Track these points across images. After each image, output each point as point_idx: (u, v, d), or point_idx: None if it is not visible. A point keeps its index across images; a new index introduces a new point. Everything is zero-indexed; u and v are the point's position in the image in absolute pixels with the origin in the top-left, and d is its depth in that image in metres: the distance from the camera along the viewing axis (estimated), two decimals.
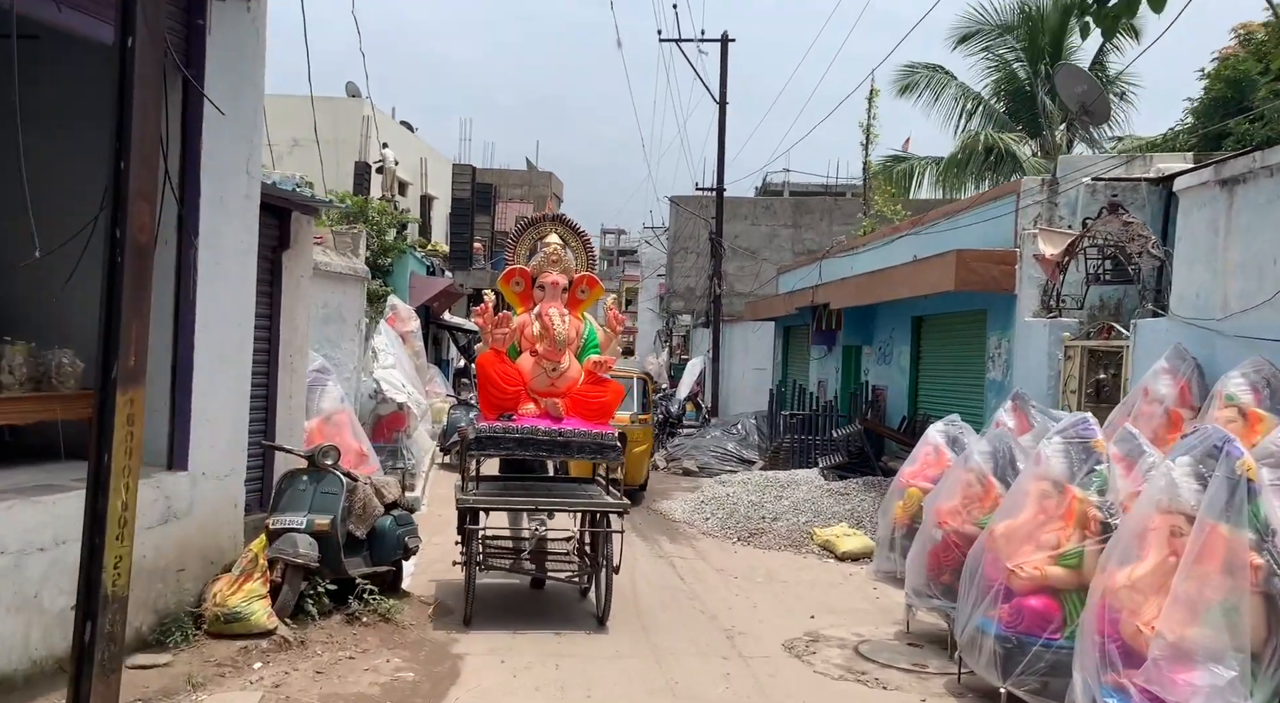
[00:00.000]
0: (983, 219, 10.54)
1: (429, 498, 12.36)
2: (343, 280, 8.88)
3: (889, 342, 13.41)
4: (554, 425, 6.87)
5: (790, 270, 19.92)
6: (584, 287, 7.48)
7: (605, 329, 7.49)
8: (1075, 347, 8.83)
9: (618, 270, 79.36)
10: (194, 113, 5.48)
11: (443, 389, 18.82)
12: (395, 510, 7.12)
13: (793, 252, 32.81)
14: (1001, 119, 23.76)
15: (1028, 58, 23.88)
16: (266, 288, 7.24)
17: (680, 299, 33.80)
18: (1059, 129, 24.40)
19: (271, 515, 6.34)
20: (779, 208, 32.43)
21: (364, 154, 27.12)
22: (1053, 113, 24.09)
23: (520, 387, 7.07)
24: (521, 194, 46.19)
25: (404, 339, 16.48)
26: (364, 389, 11.71)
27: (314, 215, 7.50)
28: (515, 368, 7.12)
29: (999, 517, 5.72)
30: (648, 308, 68.18)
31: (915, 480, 8.84)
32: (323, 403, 8.10)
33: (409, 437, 11.87)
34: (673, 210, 33.46)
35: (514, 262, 7.60)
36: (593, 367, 7.12)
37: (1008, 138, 23.56)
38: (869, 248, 14.50)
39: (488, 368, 7.05)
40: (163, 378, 5.55)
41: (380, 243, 18.31)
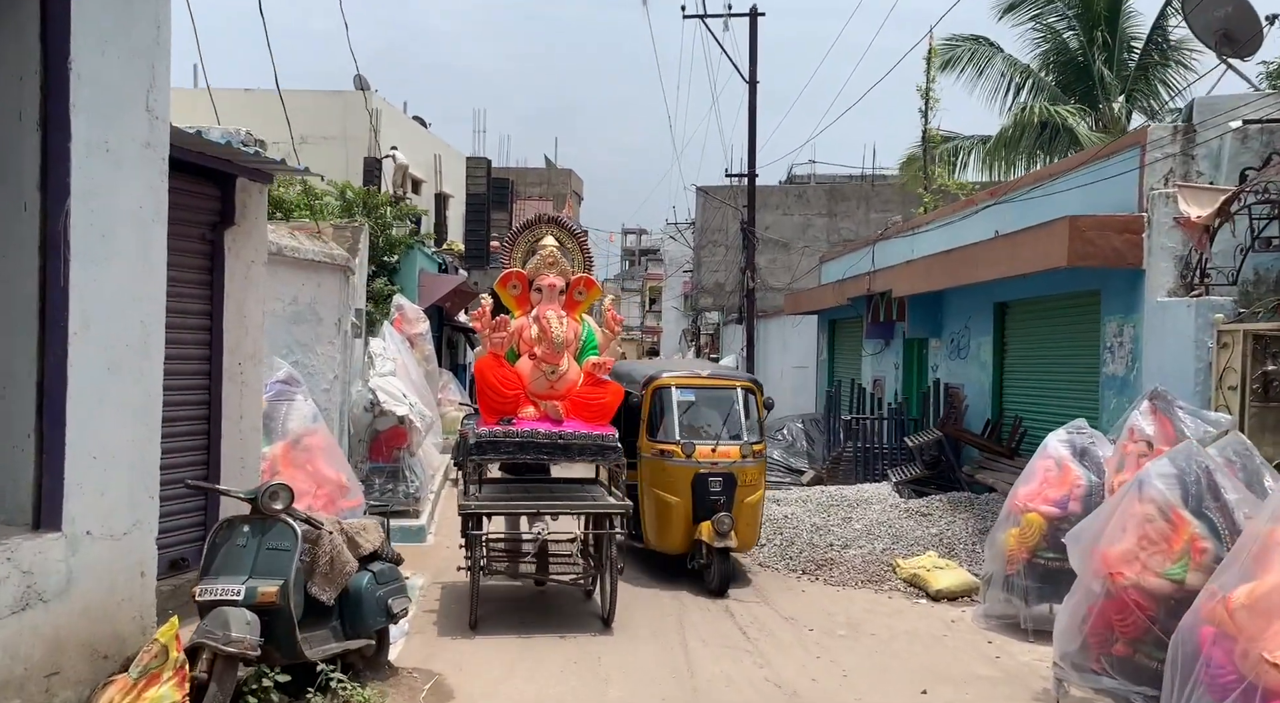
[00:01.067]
0: (1094, 180, 8.71)
1: (439, 524, 10.69)
2: (317, 270, 7.21)
3: (964, 333, 11.59)
4: (554, 428, 6.87)
5: (835, 258, 18.10)
6: (581, 288, 7.48)
7: (604, 330, 7.48)
8: (1233, 331, 6.99)
9: (639, 270, 77.73)
10: (57, 12, 3.81)
11: (457, 396, 17.17)
12: (376, 563, 5.44)
13: (828, 242, 30.94)
14: (1053, 92, 21.95)
15: (1081, 26, 22.04)
16: (203, 276, 5.59)
17: (708, 295, 31.99)
18: (1117, 101, 22.58)
19: (200, 582, 4.67)
20: (812, 196, 30.57)
21: (374, 150, 25.68)
22: (1110, 84, 22.28)
23: (519, 390, 7.04)
24: (540, 192, 44.76)
25: (412, 343, 14.86)
26: (359, 401, 10.07)
27: (266, 182, 5.83)
28: (514, 371, 7.09)
29: (1232, 576, 3.94)
30: (672, 306, 66.55)
31: (1035, 503, 7.06)
32: (289, 423, 6.43)
33: (412, 454, 10.20)
34: (699, 201, 31.68)
35: (510, 265, 7.57)
36: (591, 368, 7.14)
37: (1065, 111, 21.75)
38: (934, 227, 12.67)
39: (486, 372, 7.02)
40: (24, 400, 3.89)
41: (385, 238, 16.71)
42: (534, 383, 7.08)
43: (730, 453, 7.93)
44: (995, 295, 10.72)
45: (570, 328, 7.21)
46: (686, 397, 8.21)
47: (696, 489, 7.76)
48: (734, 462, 7.91)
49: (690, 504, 7.76)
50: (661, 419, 8.12)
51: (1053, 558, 6.76)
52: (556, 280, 7.30)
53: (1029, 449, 9.97)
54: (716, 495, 7.74)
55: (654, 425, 8.13)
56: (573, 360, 7.21)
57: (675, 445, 7.89)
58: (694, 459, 7.80)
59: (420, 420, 10.20)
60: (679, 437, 7.92)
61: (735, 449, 7.95)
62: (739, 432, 8.11)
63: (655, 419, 8.14)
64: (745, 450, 7.97)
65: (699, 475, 7.77)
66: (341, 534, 5.28)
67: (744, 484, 7.89)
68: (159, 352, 4.40)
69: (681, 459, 7.84)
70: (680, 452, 7.85)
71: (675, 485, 7.83)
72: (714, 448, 7.89)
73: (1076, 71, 22.47)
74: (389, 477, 10.01)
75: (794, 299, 18.60)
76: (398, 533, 9.85)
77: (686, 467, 7.82)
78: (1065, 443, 7.09)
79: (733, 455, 7.92)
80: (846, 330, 16.91)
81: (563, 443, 6.81)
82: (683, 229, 48.11)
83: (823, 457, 13.45)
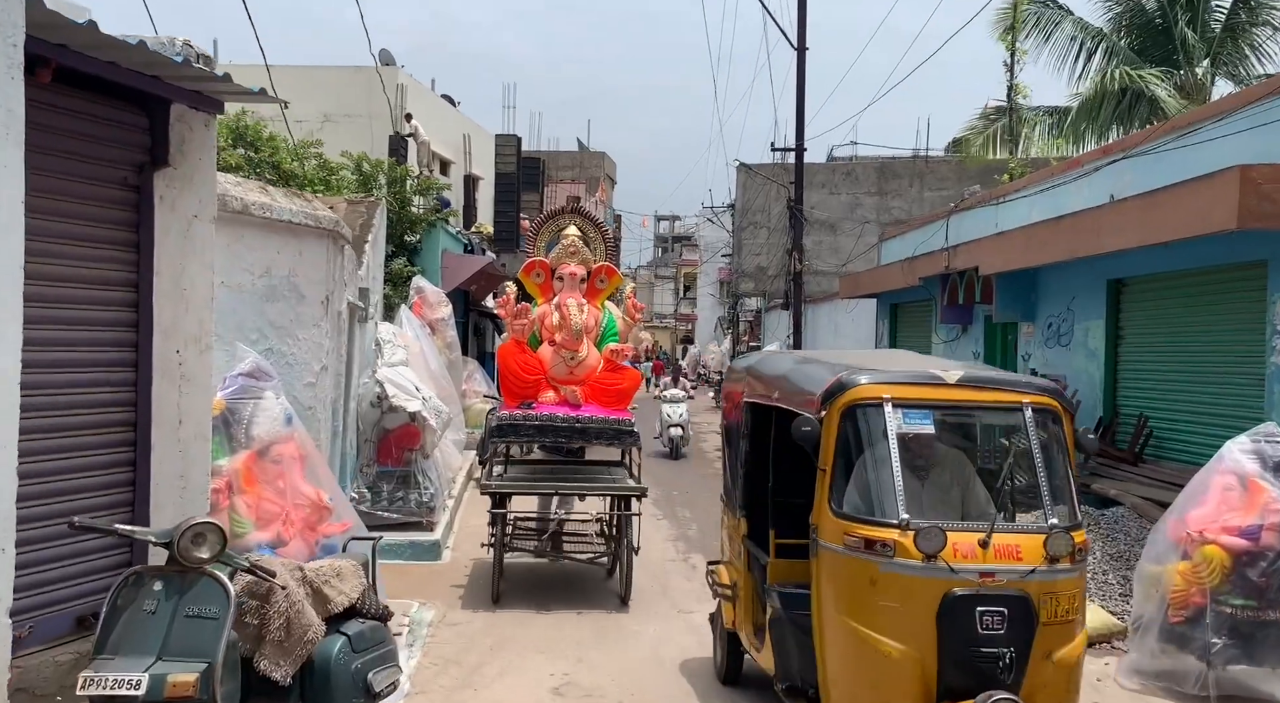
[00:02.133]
0: (1253, 125, 7.04)
1: (458, 536, 9.28)
2: (297, 235, 5.79)
3: (1065, 316, 9.94)
4: (572, 412, 7.06)
5: (898, 236, 16.44)
6: (603, 276, 7.63)
7: (625, 318, 7.60)
8: None
9: (673, 256, 76.04)
10: None
11: (483, 387, 15.77)
12: (353, 623, 4.01)
13: (878, 223, 29.15)
14: (1129, 57, 20.09)
15: None
16: (125, 233, 4.17)
17: (750, 280, 30.36)
18: (1201, 65, 20.66)
19: (91, 663, 3.26)
20: (861, 174, 28.81)
21: (400, 127, 24.38)
22: (1194, 47, 20.36)
23: (540, 375, 7.26)
24: (572, 175, 43.39)
25: (433, 329, 13.48)
26: (366, 395, 8.67)
27: (213, 111, 4.39)
28: (535, 357, 7.30)
29: None
30: (708, 293, 64.96)
31: (1214, 533, 5.46)
32: (255, 427, 5.01)
33: (425, 456, 8.79)
34: (740, 180, 30.04)
35: (533, 254, 7.79)
36: (610, 355, 7.30)
37: (1150, 75, 19.88)
38: (1026, 194, 11.01)
39: (508, 358, 7.33)
40: None
41: (405, 215, 15.33)
42: (554, 368, 7.30)
43: (1022, 550, 3.95)
44: (1109, 271, 9.07)
45: (590, 315, 7.38)
46: (918, 425, 4.26)
47: (947, 630, 3.86)
48: (1030, 571, 3.92)
49: (933, 659, 3.88)
50: (864, 474, 4.20)
51: (1244, 607, 5.19)
52: (577, 269, 7.44)
53: (1155, 455, 8.33)
54: (993, 646, 3.85)
55: (845, 485, 4.18)
56: (593, 347, 7.38)
57: (898, 532, 3.94)
58: (941, 564, 3.88)
59: (436, 417, 8.79)
60: (905, 513, 3.96)
61: (1032, 543, 3.97)
62: (1039, 504, 4.15)
63: (848, 471, 4.21)
64: (1056, 546, 3.94)
65: (954, 600, 3.86)
66: (303, 585, 3.85)
67: (1051, 621, 3.93)
68: (15, 332, 2.96)
69: (915, 564, 3.90)
70: (910, 546, 3.90)
71: (898, 619, 3.92)
72: (985, 540, 3.93)
73: (1155, 34, 20.66)
74: (399, 482, 8.61)
75: (851, 281, 16.98)
76: (406, 550, 8.48)
77: (925, 579, 3.90)
78: (1251, 454, 5.51)
79: (1028, 556, 3.94)
80: (913, 315, 15.27)
81: (580, 426, 7.03)
82: (720, 213, 46.42)
83: None
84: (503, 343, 7.40)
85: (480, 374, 15.87)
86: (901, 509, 3.95)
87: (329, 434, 6.64)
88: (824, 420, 4.13)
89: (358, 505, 8.34)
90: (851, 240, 28.38)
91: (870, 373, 4.31)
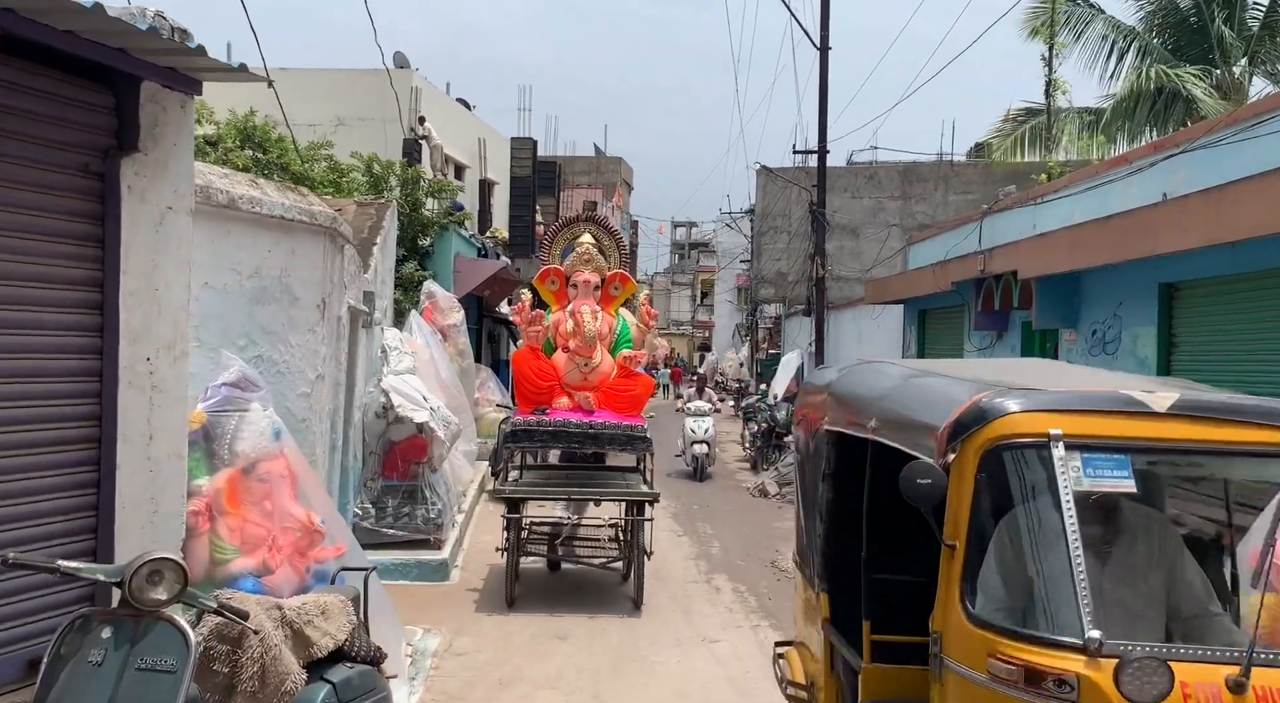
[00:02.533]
0: None
1: (468, 555, 8.81)
2: (290, 232, 5.31)
3: (1112, 322, 9.37)
4: (585, 418, 7.13)
5: (926, 239, 15.88)
6: (617, 283, 7.75)
7: (639, 325, 7.74)
8: None
9: (690, 263, 75.48)
10: None
11: (497, 396, 15.33)
12: (339, 668, 3.52)
13: (902, 227, 28.55)
14: (1163, 56, 19.51)
15: None
16: (87, 226, 3.70)
17: (769, 286, 29.79)
18: (1238, 64, 20.04)
19: None
20: (884, 177, 28.22)
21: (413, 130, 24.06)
22: (1231, 45, 19.74)
23: (554, 381, 7.37)
24: (589, 181, 43.02)
25: (444, 335, 13.04)
26: (372, 405, 8.21)
27: (190, 91, 3.93)
28: (550, 364, 7.40)
29: None
30: (726, 300, 64.42)
31: None
32: (239, 442, 4.54)
33: (433, 470, 8.32)
34: (760, 183, 29.51)
35: (549, 262, 7.98)
36: (623, 361, 7.39)
37: (1187, 74, 19.28)
38: (1068, 194, 10.44)
39: (522, 365, 7.49)
40: None
41: (418, 218, 14.92)
42: (568, 375, 7.42)
43: None
44: (1161, 274, 8.49)
45: (605, 322, 7.46)
46: (1112, 479, 2.68)
47: None
48: None
49: None
50: (1021, 556, 2.72)
51: None
52: (591, 277, 7.55)
53: None
54: None
55: (989, 572, 2.71)
56: (606, 353, 7.45)
57: (1083, 659, 2.43)
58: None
59: (444, 429, 8.32)
60: (1094, 630, 2.44)
61: None
62: None
63: (994, 550, 2.74)
64: None
65: None
66: (282, 627, 3.37)
67: None
68: None
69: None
70: (1109, 687, 2.37)
71: None
72: (1238, 680, 2.37)
73: (1190, 33, 20.08)
74: (405, 498, 8.15)
75: (877, 287, 16.41)
76: (412, 569, 8.01)
77: None
78: None
79: None
80: (943, 321, 14.69)
81: (593, 432, 7.09)
82: (738, 218, 45.88)
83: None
84: (517, 350, 7.57)
85: (494, 382, 15.42)
86: (1088, 621, 2.41)
87: (326, 448, 6.17)
88: (953, 468, 2.68)
89: (361, 522, 7.88)
90: (874, 245, 27.79)
91: (1027, 395, 2.77)
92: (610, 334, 7.62)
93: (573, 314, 7.44)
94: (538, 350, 7.51)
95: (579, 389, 7.42)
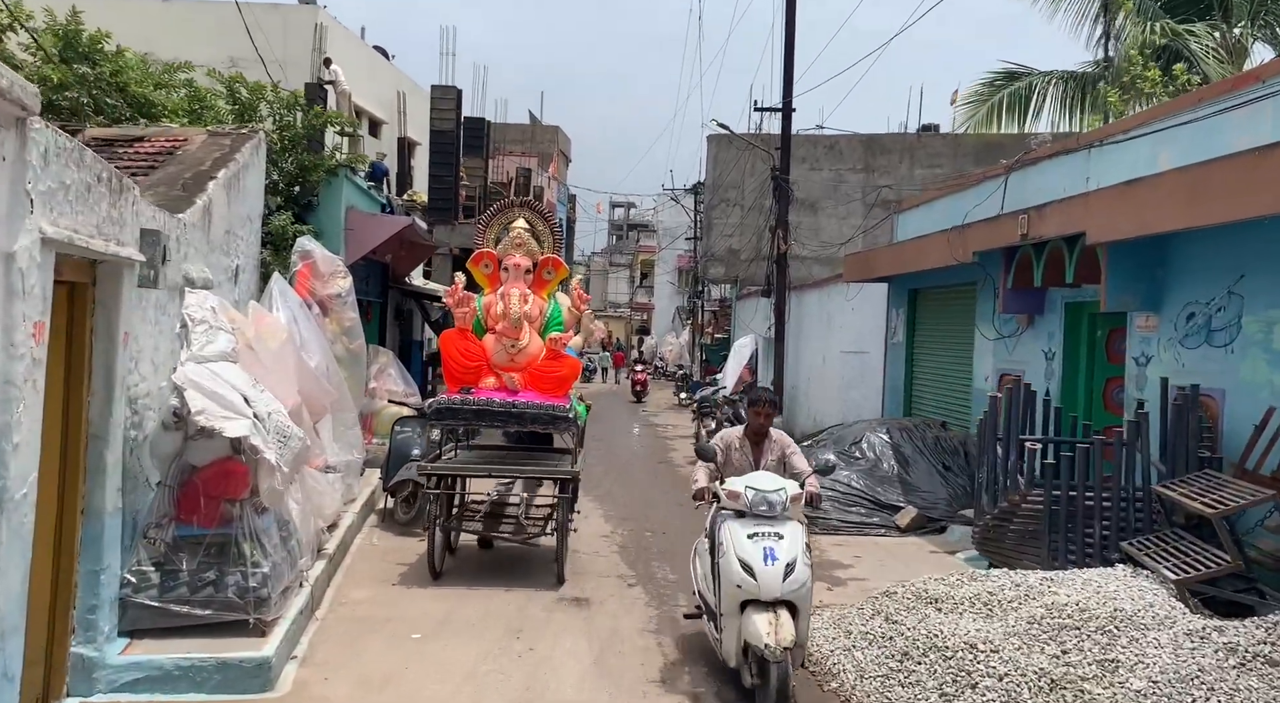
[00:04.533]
0: None
1: (322, 633, 5.92)
2: None
3: (1223, 302, 6.89)
4: (509, 397, 7.35)
5: (921, 205, 13.38)
6: (549, 268, 8.02)
7: (571, 308, 8.05)
8: None
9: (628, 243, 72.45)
10: None
11: (400, 386, 12.36)
12: None
13: (864, 202, 26.17)
14: (1159, 15, 17.53)
15: None
16: None
17: (719, 264, 27.14)
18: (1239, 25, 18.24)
19: None
20: (846, 148, 25.73)
21: (318, 74, 20.71)
22: (1237, 5, 17.89)
23: (481, 361, 7.61)
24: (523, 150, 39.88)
25: (324, 308, 10.08)
26: (156, 407, 5.26)
27: None
28: (478, 344, 7.65)
29: None
30: (667, 281, 61.77)
31: None
32: None
33: (260, 510, 5.40)
34: (711, 152, 26.78)
35: (483, 245, 8.19)
36: (551, 343, 7.58)
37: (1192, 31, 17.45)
38: (1143, 132, 7.92)
39: (449, 345, 7.71)
40: None
41: (294, 158, 11.81)
42: (496, 355, 7.63)
43: None
44: None
45: (535, 305, 7.75)
46: None
47: None
48: None
49: None
50: None
51: None
52: (523, 261, 7.81)
53: None
54: None
55: None
56: (535, 336, 7.69)
57: None
58: None
59: (278, 446, 5.40)
60: None
61: None
62: None
63: None
64: None
65: None
66: None
67: None
68: None
69: None
70: None
71: None
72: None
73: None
74: (210, 554, 5.22)
75: (859, 262, 13.85)
76: (210, 676, 5.12)
77: None
78: None
79: None
80: (943, 302, 12.20)
81: (516, 411, 7.28)
82: (682, 195, 43.10)
83: (977, 500, 8.69)
84: (446, 330, 7.94)
85: (396, 369, 12.43)
86: None
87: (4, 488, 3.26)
88: None
89: (134, 596, 4.98)
90: (834, 222, 25.37)
91: None
92: (540, 317, 7.82)
93: (502, 297, 7.68)
94: (467, 331, 7.67)
95: (506, 370, 7.60)
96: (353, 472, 9.17)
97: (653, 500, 11.42)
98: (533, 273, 7.86)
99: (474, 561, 8.00)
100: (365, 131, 23.24)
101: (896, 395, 13.52)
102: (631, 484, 12.55)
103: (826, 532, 9.68)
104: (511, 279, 7.74)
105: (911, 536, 9.62)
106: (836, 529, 9.75)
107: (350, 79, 20.47)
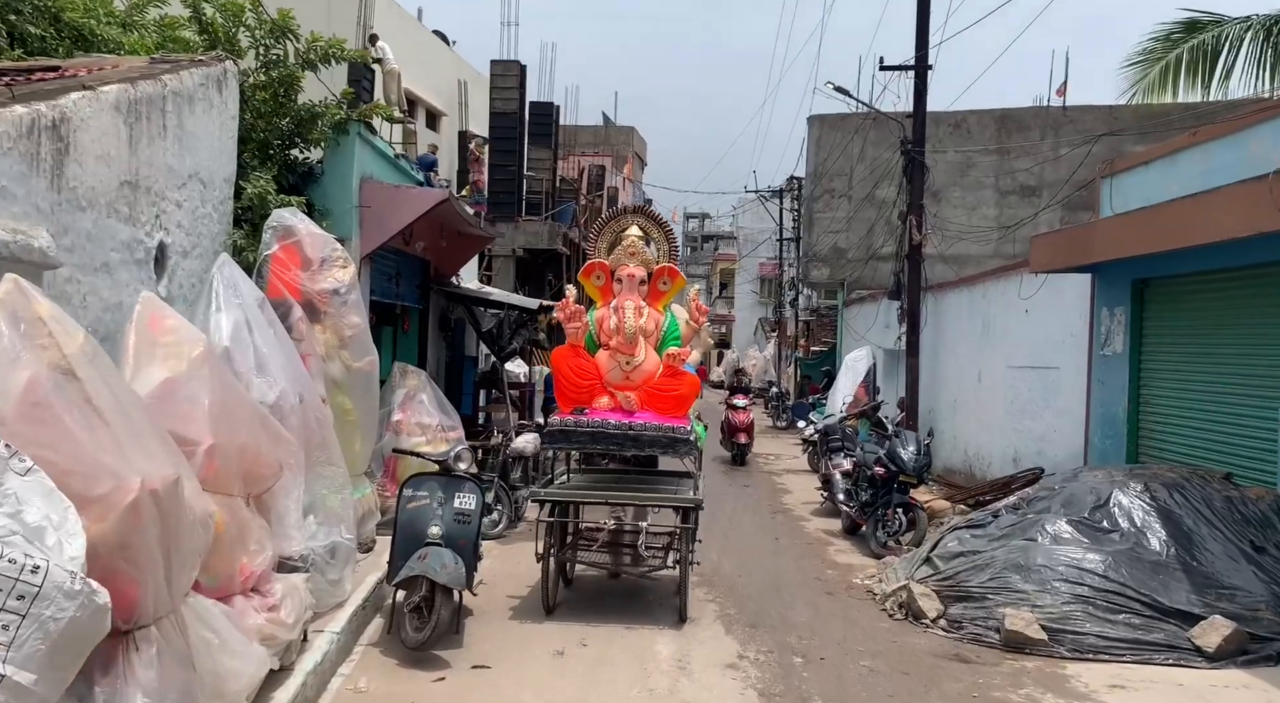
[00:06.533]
0: None
1: None
2: None
3: None
4: (625, 419, 6.97)
5: (1160, 158, 9.66)
6: (665, 278, 7.58)
7: (689, 322, 7.51)
8: None
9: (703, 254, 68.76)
10: None
11: (434, 418, 9.12)
12: None
13: (997, 189, 22.28)
14: None
15: None
16: None
17: (823, 265, 23.47)
18: None
19: None
20: (975, 126, 21.89)
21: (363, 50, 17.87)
22: None
23: (595, 380, 7.22)
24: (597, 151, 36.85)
25: (312, 310, 7.02)
26: None
27: None
28: (591, 362, 7.28)
29: None
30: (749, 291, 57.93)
31: None
32: None
33: None
34: (814, 135, 23.19)
35: (595, 255, 7.75)
36: (669, 359, 7.16)
37: None
38: None
39: (561, 362, 7.28)
40: None
41: (285, 105, 8.69)
42: (609, 373, 7.24)
43: None
44: None
45: (651, 318, 7.35)
46: None
47: None
48: None
49: None
50: None
51: None
52: (637, 271, 7.40)
53: None
54: None
55: None
56: (651, 351, 7.29)
57: None
58: None
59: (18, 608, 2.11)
60: None
61: None
62: None
63: None
64: None
65: None
66: None
67: None
68: None
69: None
70: None
71: None
72: None
73: None
74: None
75: (1062, 243, 10.15)
76: None
77: None
78: None
79: None
80: (1199, 297, 8.45)
81: (633, 434, 6.90)
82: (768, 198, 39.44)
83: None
84: (558, 347, 7.41)
85: (429, 395, 9.16)
86: None
87: None
88: None
89: None
90: (962, 212, 21.53)
91: None
92: (656, 331, 7.41)
93: (615, 310, 7.27)
94: (579, 348, 7.29)
95: (621, 388, 7.16)
96: (341, 560, 5.90)
97: (783, 583, 7.93)
98: (647, 284, 7.44)
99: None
100: (422, 123, 20.46)
101: (1113, 428, 9.77)
102: (747, 559, 9.06)
103: (1077, 655, 6.11)
104: (625, 291, 7.34)
105: (1229, 666, 5.96)
106: (1097, 651, 6.14)
107: (406, 66, 17.60)
